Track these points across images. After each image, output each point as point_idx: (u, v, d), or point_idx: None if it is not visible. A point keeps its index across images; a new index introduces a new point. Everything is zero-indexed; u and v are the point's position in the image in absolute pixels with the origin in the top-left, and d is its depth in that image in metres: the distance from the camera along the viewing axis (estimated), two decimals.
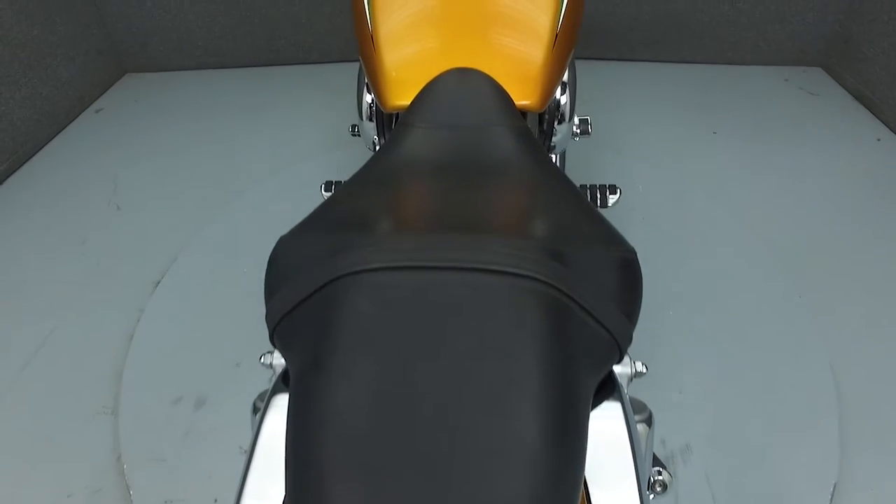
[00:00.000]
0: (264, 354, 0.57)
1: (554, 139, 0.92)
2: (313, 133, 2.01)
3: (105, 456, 1.12)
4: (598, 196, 1.15)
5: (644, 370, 0.53)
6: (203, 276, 1.48)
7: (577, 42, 0.84)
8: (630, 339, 0.45)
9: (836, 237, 1.53)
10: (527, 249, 0.40)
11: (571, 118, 0.91)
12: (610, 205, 1.16)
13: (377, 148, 0.95)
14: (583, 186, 1.17)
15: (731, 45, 2.32)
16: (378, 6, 0.77)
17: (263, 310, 0.48)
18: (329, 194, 1.19)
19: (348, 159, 1.85)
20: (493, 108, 0.65)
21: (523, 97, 0.71)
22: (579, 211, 0.52)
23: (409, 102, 0.70)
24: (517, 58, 0.73)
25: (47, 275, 1.52)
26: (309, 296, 0.41)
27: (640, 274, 0.48)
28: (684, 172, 1.76)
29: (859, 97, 2.12)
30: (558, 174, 0.58)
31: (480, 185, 0.53)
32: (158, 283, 1.48)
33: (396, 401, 0.33)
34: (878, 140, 1.91)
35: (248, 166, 1.86)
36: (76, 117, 2.18)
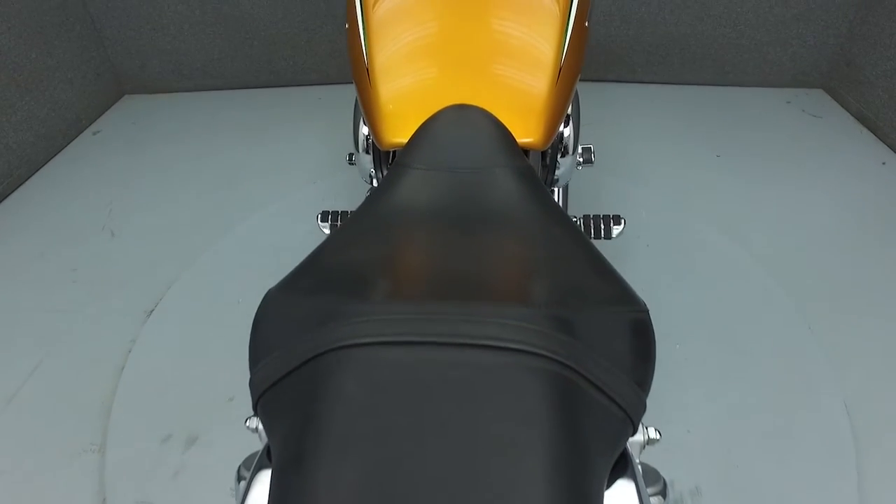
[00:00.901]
0: (249, 418, 0.54)
1: (557, 172, 0.89)
2: (312, 157, 1.99)
3: (89, 499, 1.07)
4: (602, 227, 1.12)
5: (657, 437, 0.50)
6: (197, 306, 1.44)
7: (581, 71, 0.81)
8: (644, 409, 0.41)
9: (843, 265, 1.49)
10: (531, 319, 0.37)
11: (575, 150, 0.88)
12: (614, 236, 1.13)
13: (373, 181, 0.92)
14: (586, 217, 1.14)
15: (732, 66, 2.31)
16: (374, 37, 0.75)
17: None
18: (325, 225, 1.17)
19: (346, 186, 1.83)
20: (494, 147, 0.62)
21: (526, 135, 0.68)
22: (586, 264, 0.48)
23: (405, 140, 0.67)
24: (519, 93, 0.70)
25: (38, 303, 1.48)
26: (294, 369, 0.38)
27: (653, 334, 0.45)
28: (689, 198, 1.73)
29: (862, 120, 2.10)
30: (563, 220, 0.55)
31: (481, 236, 0.50)
32: (151, 312, 1.44)
33: None
34: (884, 164, 1.89)
35: (245, 192, 1.83)
36: (73, 139, 2.16)
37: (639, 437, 0.50)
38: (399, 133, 0.68)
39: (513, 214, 0.54)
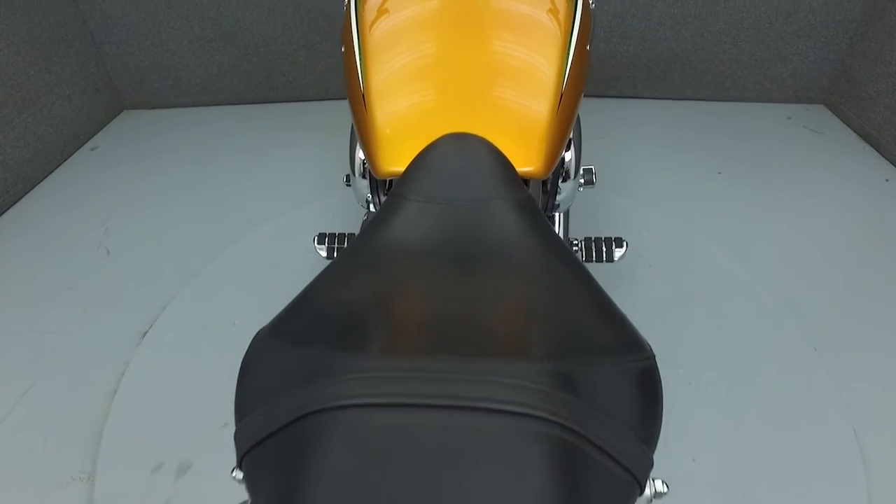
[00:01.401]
0: (235, 469, 0.51)
1: (558, 198, 0.87)
2: (310, 174, 1.98)
3: None
4: (604, 250, 1.10)
5: (665, 489, 0.47)
6: (192, 328, 1.42)
7: (582, 95, 0.80)
8: (651, 467, 0.39)
9: (848, 284, 1.47)
10: (531, 377, 0.34)
11: (577, 174, 0.87)
12: (616, 259, 1.11)
13: (370, 206, 0.90)
14: (587, 240, 1.12)
15: (733, 82, 2.30)
16: (370, 61, 0.73)
17: None
18: (322, 248, 1.15)
19: (344, 205, 1.81)
20: (494, 178, 0.60)
21: (526, 164, 0.66)
22: (589, 305, 0.46)
23: (402, 169, 0.65)
24: (519, 121, 0.68)
25: (31, 323, 1.46)
26: (280, 428, 0.35)
27: (660, 384, 0.43)
28: (691, 216, 1.71)
29: (864, 136, 2.08)
30: (565, 256, 0.53)
31: (479, 277, 0.48)
32: (146, 333, 1.42)
33: None
34: (887, 181, 1.87)
35: (243, 210, 1.81)
36: (71, 155, 2.15)
37: (645, 490, 0.47)
38: (395, 161, 0.66)
39: (512, 251, 0.52)
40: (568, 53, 0.72)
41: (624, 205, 1.75)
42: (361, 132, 0.71)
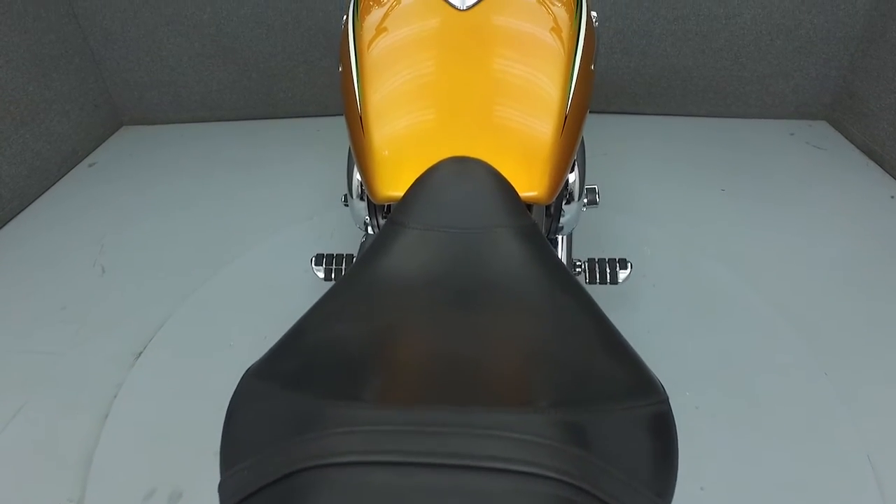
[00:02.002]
0: None
1: (562, 220, 0.85)
2: (309, 191, 1.96)
3: None
4: (608, 272, 1.07)
5: None
6: (187, 349, 1.39)
7: (586, 116, 0.78)
8: None
9: (855, 304, 1.44)
10: (538, 431, 0.32)
11: (581, 196, 0.84)
12: (620, 281, 1.09)
13: (368, 228, 0.88)
14: (591, 261, 1.10)
15: (734, 98, 2.29)
16: (368, 81, 0.71)
17: None
18: (320, 269, 1.12)
19: (343, 223, 1.79)
20: (496, 204, 0.58)
21: (530, 188, 0.64)
22: (598, 343, 0.43)
23: (401, 193, 0.63)
24: (522, 144, 0.66)
25: (23, 343, 1.43)
26: (268, 485, 0.33)
27: (675, 430, 0.40)
28: (694, 234, 1.69)
29: (868, 152, 2.07)
30: (571, 287, 0.50)
31: (481, 313, 0.45)
32: (140, 354, 1.39)
33: None
34: (892, 198, 1.85)
35: (241, 228, 1.79)
36: (68, 172, 2.14)
37: None
38: (394, 186, 0.64)
39: (516, 284, 0.49)
40: (572, 73, 0.70)
41: (626, 222, 1.73)
42: (358, 155, 0.69)
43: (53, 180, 2.07)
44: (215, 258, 1.67)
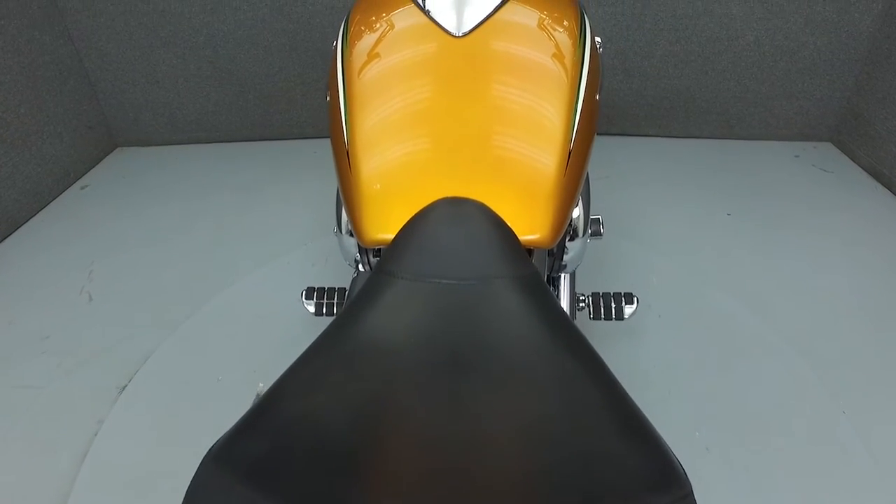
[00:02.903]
0: None
1: (565, 258, 0.79)
2: (305, 216, 1.91)
3: None
4: (613, 307, 1.02)
5: None
6: (173, 383, 1.33)
7: (592, 147, 0.73)
8: None
9: (869, 335, 1.38)
10: None
11: (585, 232, 0.79)
12: (626, 316, 1.04)
13: (358, 265, 0.83)
14: (594, 295, 1.05)
15: (738, 120, 2.26)
16: (357, 113, 0.66)
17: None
18: (311, 303, 1.07)
19: (337, 251, 1.74)
20: (494, 251, 0.53)
21: (531, 231, 0.59)
22: (614, 421, 0.38)
23: (390, 237, 0.58)
24: (523, 183, 0.61)
25: (2, 376, 1.37)
26: None
27: None
28: (701, 261, 1.64)
29: (876, 175, 2.03)
30: (579, 348, 0.45)
31: (477, 384, 0.40)
32: (124, 388, 1.33)
33: None
34: None
35: (234, 254, 1.74)
36: (60, 194, 2.10)
37: None
38: (383, 228, 0.59)
39: (516, 348, 0.44)
40: (576, 104, 0.66)
41: (630, 249, 1.68)
42: (345, 193, 0.64)
43: (44, 203, 2.03)
44: (207, 286, 1.62)
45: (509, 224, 0.57)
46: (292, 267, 1.66)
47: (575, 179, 0.63)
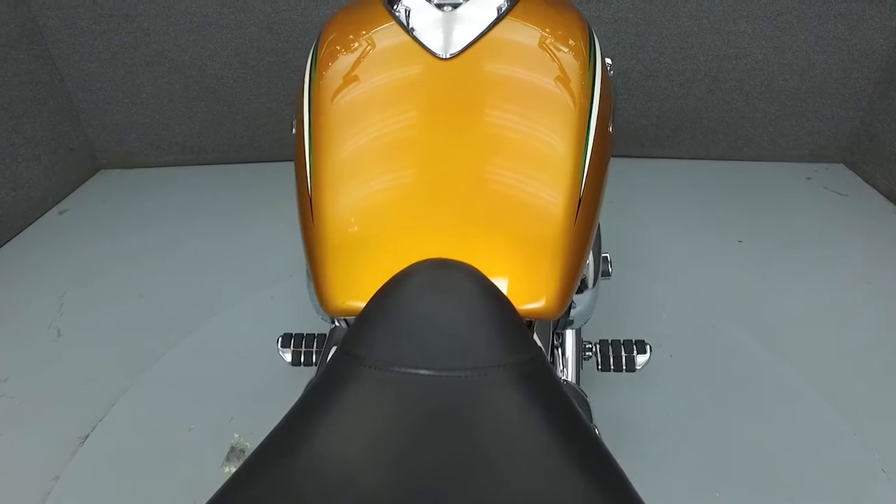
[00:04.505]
0: None
1: (573, 313, 0.69)
2: (291, 242, 1.81)
3: None
4: (623, 358, 0.91)
5: None
6: (141, 432, 1.21)
7: (604, 189, 0.62)
8: None
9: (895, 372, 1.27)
10: None
11: (596, 282, 0.69)
12: (639, 367, 0.92)
13: (333, 320, 0.71)
14: (602, 343, 0.94)
15: (746, 140, 2.17)
16: (322, 154, 0.54)
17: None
18: (287, 352, 0.96)
19: None
20: (487, 330, 0.42)
21: (532, 298, 0.48)
22: None
23: (360, 306, 0.48)
24: (522, 241, 0.50)
25: None
26: None
27: None
28: (713, 293, 1.53)
29: (893, 199, 1.93)
30: (595, 455, 0.35)
31: None
32: (86, 437, 1.21)
33: None
34: None
35: (215, 285, 1.63)
36: (35, 220, 1.99)
37: None
38: (350, 295, 0.48)
39: (517, 468, 0.33)
40: (587, 140, 0.55)
41: (636, 280, 1.57)
42: (307, 248, 0.53)
43: (18, 229, 1.93)
44: (184, 320, 1.51)
45: (506, 291, 0.46)
46: (276, 301, 1.55)
47: (586, 231, 0.52)
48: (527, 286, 0.48)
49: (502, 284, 0.47)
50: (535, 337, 0.55)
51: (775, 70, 2.01)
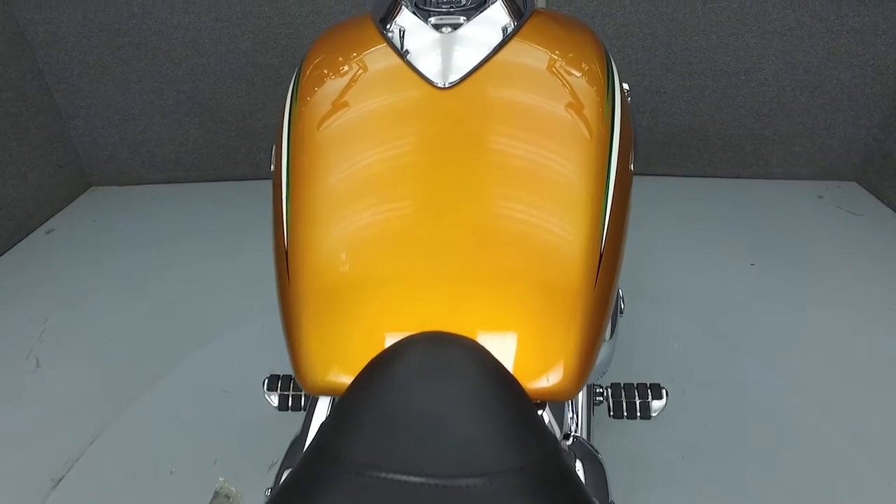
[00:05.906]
0: None
1: None
2: None
3: None
4: (638, 404, 0.83)
5: None
6: (118, 475, 1.14)
7: (625, 240, 0.54)
8: None
9: None
10: None
11: (614, 333, 0.61)
12: (654, 414, 0.85)
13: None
14: (615, 386, 0.86)
15: (755, 158, 2.10)
16: (302, 197, 0.47)
17: None
18: (273, 395, 0.88)
19: None
20: (494, 426, 0.35)
21: (544, 377, 0.40)
22: None
23: (342, 386, 0.40)
24: (533, 308, 0.42)
25: None
26: None
27: None
28: (726, 322, 1.45)
29: None
30: None
31: None
32: (60, 481, 1.13)
33: None
34: None
35: (204, 313, 1.56)
36: (21, 240, 1.93)
37: None
38: (330, 370, 0.41)
39: None
40: (607, 182, 0.48)
41: (645, 309, 1.50)
42: (282, 311, 0.45)
43: (1, 251, 1.86)
44: (170, 350, 1.43)
45: (513, 369, 0.39)
46: (267, 330, 1.48)
47: (606, 293, 0.44)
48: (538, 363, 0.40)
49: (509, 360, 0.39)
50: (548, 420, 0.48)
51: (785, 86, 1.95)
